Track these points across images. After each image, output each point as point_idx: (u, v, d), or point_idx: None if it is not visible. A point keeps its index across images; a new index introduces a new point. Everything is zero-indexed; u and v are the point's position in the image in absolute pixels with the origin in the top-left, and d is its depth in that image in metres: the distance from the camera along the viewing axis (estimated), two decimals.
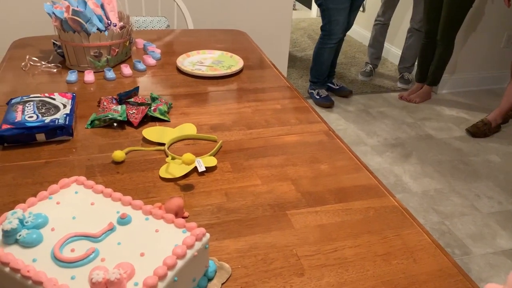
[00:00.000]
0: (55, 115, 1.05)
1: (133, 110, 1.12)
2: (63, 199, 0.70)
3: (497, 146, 2.71)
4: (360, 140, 2.69)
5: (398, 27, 3.60)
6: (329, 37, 2.86)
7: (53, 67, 1.42)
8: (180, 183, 0.90)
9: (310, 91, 3.17)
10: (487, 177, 2.39)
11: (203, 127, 1.13)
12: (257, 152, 1.04)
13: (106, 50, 1.40)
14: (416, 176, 2.37)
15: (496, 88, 3.42)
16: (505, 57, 3.15)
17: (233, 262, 0.72)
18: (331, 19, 2.79)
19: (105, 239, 0.63)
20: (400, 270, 0.72)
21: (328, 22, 2.82)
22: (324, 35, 2.90)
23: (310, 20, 4.98)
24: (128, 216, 0.66)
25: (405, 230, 0.81)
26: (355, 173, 0.97)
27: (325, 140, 1.10)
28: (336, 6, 2.72)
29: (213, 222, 0.80)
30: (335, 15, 2.76)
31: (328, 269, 0.72)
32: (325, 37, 2.89)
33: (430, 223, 2.03)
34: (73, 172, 0.92)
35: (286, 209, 0.85)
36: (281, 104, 1.28)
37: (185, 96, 1.29)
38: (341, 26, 2.79)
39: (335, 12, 2.74)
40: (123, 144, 1.03)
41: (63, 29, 1.35)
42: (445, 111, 3.09)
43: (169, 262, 0.58)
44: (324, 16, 2.84)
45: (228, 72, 1.44)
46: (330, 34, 2.84)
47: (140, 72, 1.44)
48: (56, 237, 0.62)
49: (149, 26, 2.00)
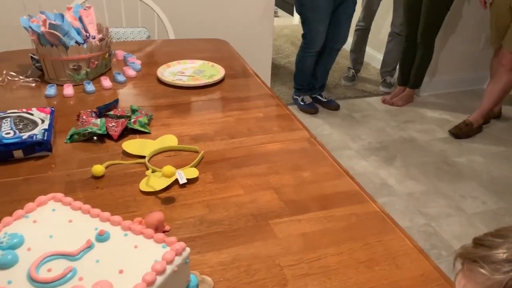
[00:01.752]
0: (33, 130, 1.04)
1: (113, 123, 1.11)
2: (40, 217, 0.69)
3: (479, 146, 2.74)
4: (345, 144, 2.71)
5: (379, 32, 3.64)
6: (309, 45, 2.87)
7: (32, 81, 1.40)
8: (161, 196, 0.89)
9: (294, 97, 3.17)
10: (471, 178, 2.42)
11: (184, 138, 1.12)
12: (240, 161, 1.04)
13: (85, 63, 1.39)
14: (401, 179, 2.39)
15: (476, 89, 3.47)
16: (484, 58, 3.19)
17: (215, 275, 0.71)
18: (311, 28, 2.81)
19: (83, 257, 0.62)
20: (383, 276, 0.72)
21: (308, 31, 2.83)
22: (305, 43, 2.91)
23: (293, 26, 5.01)
24: (107, 233, 0.65)
25: (387, 236, 0.81)
26: (337, 180, 0.97)
27: (308, 147, 1.11)
28: (315, 16, 2.73)
29: (195, 235, 0.80)
30: (315, 24, 2.77)
31: (311, 278, 0.71)
32: (305, 45, 2.90)
33: (417, 226, 2.04)
34: (52, 188, 0.91)
35: (269, 219, 0.85)
36: (264, 113, 1.28)
37: (166, 107, 1.28)
38: (321, 35, 2.80)
39: (315, 21, 2.76)
40: (103, 158, 1.02)
41: (41, 43, 1.34)
42: (427, 113, 3.13)
43: (149, 278, 0.57)
44: (304, 25, 2.85)
45: (210, 82, 1.43)
46: (310, 43, 2.85)
47: (120, 84, 1.42)
48: (32, 257, 0.61)
49: (129, 37, 1.99)
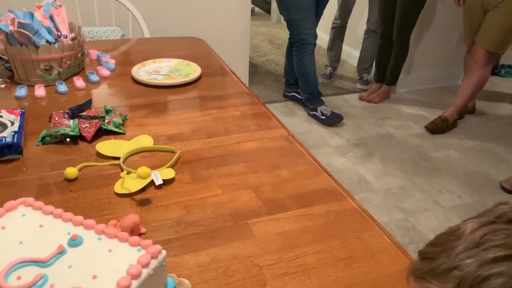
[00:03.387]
0: (2, 133, 1.00)
1: (86, 124, 1.08)
2: (9, 223, 0.66)
3: (455, 141, 2.79)
4: (323, 141, 2.72)
5: (355, 29, 3.67)
6: (302, 47, 2.75)
7: (1, 82, 1.35)
8: (136, 198, 0.88)
9: (312, 113, 2.95)
10: (447, 172, 2.46)
11: (160, 138, 1.10)
12: (217, 161, 1.02)
13: (57, 63, 1.35)
14: (379, 174, 2.41)
15: (451, 85, 3.54)
16: (458, 55, 3.25)
17: (193, 277, 0.70)
18: (299, 29, 2.70)
19: (54, 263, 0.60)
20: (362, 273, 0.72)
21: (297, 32, 2.72)
22: (297, 47, 2.78)
23: (270, 24, 5.02)
24: (79, 237, 0.63)
25: (366, 232, 0.81)
26: (315, 177, 0.97)
27: (285, 145, 1.10)
28: (301, 15, 2.65)
29: (171, 237, 0.78)
30: (303, 24, 2.68)
31: (290, 277, 0.71)
32: (298, 49, 2.78)
33: (395, 221, 2.06)
34: (23, 192, 0.88)
35: (248, 218, 0.84)
36: (241, 111, 1.27)
37: (141, 107, 1.26)
38: (311, 33, 2.71)
39: (301, 22, 2.68)
40: (77, 160, 0.99)
41: (10, 42, 1.29)
42: (404, 110, 3.17)
43: (123, 283, 0.55)
44: (292, 28, 2.75)
45: (186, 80, 1.41)
46: (303, 44, 2.74)
47: (94, 84, 1.39)
48: (1, 265, 0.58)
49: (103, 36, 1.95)
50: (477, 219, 0.43)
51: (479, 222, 0.42)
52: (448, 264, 0.40)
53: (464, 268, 0.39)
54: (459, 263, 0.39)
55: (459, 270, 0.39)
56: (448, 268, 0.40)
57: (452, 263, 0.40)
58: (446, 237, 0.43)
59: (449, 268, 0.40)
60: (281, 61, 3.77)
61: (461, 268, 0.39)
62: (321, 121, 2.90)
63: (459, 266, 0.39)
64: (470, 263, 0.38)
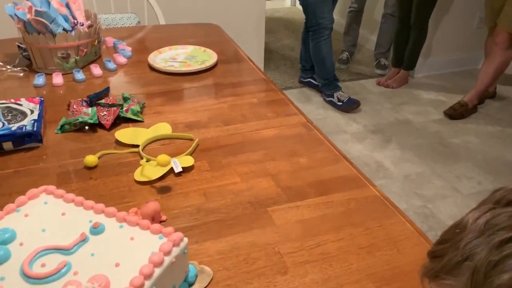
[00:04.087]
0: (22, 121, 1.01)
1: (104, 112, 1.08)
2: (32, 211, 0.67)
3: (474, 127, 2.74)
4: (340, 128, 2.69)
5: (372, 13, 3.60)
6: (319, 31, 2.70)
7: (19, 71, 1.36)
8: (156, 186, 0.88)
9: (328, 100, 2.91)
10: (466, 158, 2.42)
11: (178, 125, 1.10)
12: (235, 148, 1.02)
13: (74, 51, 1.35)
14: (396, 161, 2.38)
15: (471, 69, 3.46)
16: (478, 38, 3.17)
17: (214, 265, 0.70)
18: (316, 14, 2.64)
19: (77, 251, 0.60)
20: (385, 261, 0.71)
21: (313, 17, 2.67)
22: (314, 32, 2.73)
23: (285, 9, 4.96)
24: (101, 225, 0.63)
25: (388, 220, 0.80)
26: (335, 165, 0.96)
27: (304, 132, 1.09)
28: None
29: (192, 224, 0.78)
30: (319, 8, 2.63)
31: (311, 265, 0.70)
32: (315, 34, 2.73)
33: (413, 208, 2.04)
34: (43, 180, 0.89)
35: (267, 206, 0.83)
36: (258, 98, 1.26)
37: (158, 95, 1.26)
38: (328, 17, 2.66)
39: (318, 6, 2.62)
40: (96, 148, 0.99)
41: (27, 31, 1.30)
42: (422, 95, 3.12)
43: (146, 271, 0.55)
44: (308, 12, 2.70)
45: (202, 67, 1.40)
46: (319, 29, 2.69)
47: (111, 72, 1.39)
48: (25, 252, 0.59)
49: (118, 23, 1.95)
50: (477, 209, 0.43)
51: (480, 210, 0.42)
52: (458, 257, 0.40)
53: (475, 257, 0.38)
54: (468, 253, 0.39)
55: (470, 261, 0.39)
56: (459, 261, 0.40)
57: (462, 255, 0.39)
58: (451, 232, 0.43)
59: (459, 260, 0.40)
60: (296, 46, 3.73)
61: (472, 258, 0.39)
62: (338, 107, 2.87)
63: (470, 257, 0.39)
64: (480, 251, 0.38)
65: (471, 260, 0.38)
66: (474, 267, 0.38)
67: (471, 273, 0.38)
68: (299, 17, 4.52)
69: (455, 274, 0.40)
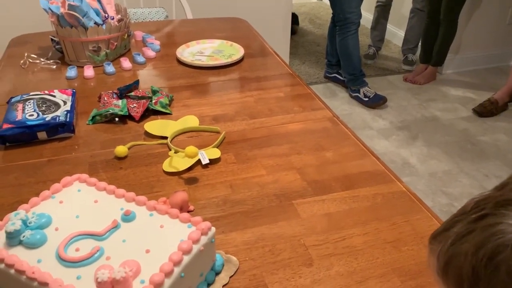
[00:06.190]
0: (56, 112, 1.04)
1: (134, 104, 1.10)
2: (66, 197, 0.70)
3: (504, 125, 2.67)
4: (365, 124, 2.67)
5: (400, 8, 3.54)
6: (346, 26, 2.67)
7: (52, 63, 1.40)
8: (184, 177, 0.89)
9: (354, 95, 2.88)
10: (495, 157, 2.37)
11: (205, 118, 1.11)
12: (261, 141, 1.03)
13: (104, 44, 1.38)
14: (423, 158, 2.35)
15: (502, 66, 3.36)
16: (511, 34, 3.09)
17: (240, 255, 0.71)
18: (343, 8, 2.62)
19: (109, 237, 0.62)
20: (411, 256, 0.71)
21: (341, 11, 2.64)
22: (341, 27, 2.70)
23: (311, 4, 4.92)
24: (132, 213, 0.65)
25: (414, 216, 0.79)
26: (361, 159, 0.96)
27: (330, 127, 1.09)
28: None
29: (218, 215, 0.80)
30: (347, 2, 2.59)
31: (337, 258, 0.71)
32: (342, 28, 2.70)
33: (439, 205, 2.01)
34: (76, 169, 0.92)
35: (292, 199, 0.84)
36: (284, 92, 1.26)
37: (186, 88, 1.28)
38: (355, 11, 2.62)
39: (346, 0, 2.59)
40: (125, 139, 1.02)
41: (60, 24, 1.33)
42: (450, 92, 3.05)
43: (175, 258, 0.57)
44: (335, 6, 2.67)
45: (229, 62, 1.41)
46: (346, 24, 2.66)
47: (140, 65, 1.42)
48: (60, 237, 0.61)
49: (147, 17, 1.98)
50: None
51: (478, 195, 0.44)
52: (442, 227, 0.43)
53: (453, 229, 0.41)
54: (450, 225, 0.42)
55: (447, 231, 0.42)
56: (441, 230, 0.43)
57: (445, 226, 0.43)
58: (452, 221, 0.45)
59: (442, 230, 0.43)
60: (322, 41, 3.70)
61: (451, 228, 0.42)
62: (364, 103, 2.84)
63: (450, 228, 0.42)
64: (458, 223, 0.41)
65: (448, 230, 0.42)
66: (448, 236, 0.41)
67: (445, 241, 0.41)
68: (325, 12, 4.49)
69: (438, 240, 0.42)
